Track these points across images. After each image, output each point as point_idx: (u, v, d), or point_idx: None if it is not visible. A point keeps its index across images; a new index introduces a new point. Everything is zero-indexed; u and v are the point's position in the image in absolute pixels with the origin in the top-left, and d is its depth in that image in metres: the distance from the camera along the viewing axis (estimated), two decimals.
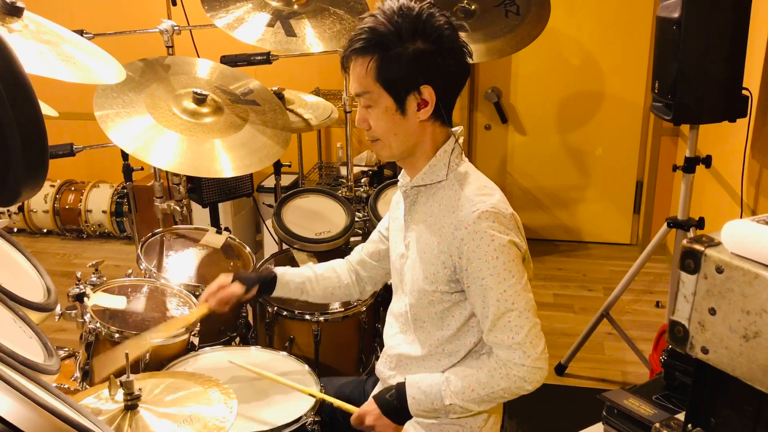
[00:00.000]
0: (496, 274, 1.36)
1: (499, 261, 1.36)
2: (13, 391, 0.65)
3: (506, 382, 1.38)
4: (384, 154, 1.49)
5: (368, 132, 1.47)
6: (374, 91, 1.40)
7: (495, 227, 1.37)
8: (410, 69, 1.38)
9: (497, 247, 1.36)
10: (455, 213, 1.41)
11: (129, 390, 1.26)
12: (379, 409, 1.47)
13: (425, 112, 1.42)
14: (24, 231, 4.48)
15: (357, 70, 1.41)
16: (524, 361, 1.37)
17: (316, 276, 1.78)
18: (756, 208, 2.60)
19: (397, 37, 1.36)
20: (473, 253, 1.37)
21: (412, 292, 1.50)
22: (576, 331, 3.11)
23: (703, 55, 2.28)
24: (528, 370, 1.37)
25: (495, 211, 1.38)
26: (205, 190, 2.53)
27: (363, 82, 1.41)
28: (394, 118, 1.42)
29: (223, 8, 2.41)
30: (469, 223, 1.37)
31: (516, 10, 2.86)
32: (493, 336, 1.39)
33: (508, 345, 1.37)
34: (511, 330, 1.37)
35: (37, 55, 1.53)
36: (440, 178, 1.46)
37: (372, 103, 1.42)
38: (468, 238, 1.37)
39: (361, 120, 1.46)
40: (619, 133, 4.08)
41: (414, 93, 1.40)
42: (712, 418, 1.03)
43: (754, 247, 0.90)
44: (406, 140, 1.45)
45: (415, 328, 1.52)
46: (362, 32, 1.38)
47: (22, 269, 1.27)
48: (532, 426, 2.64)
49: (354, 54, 1.40)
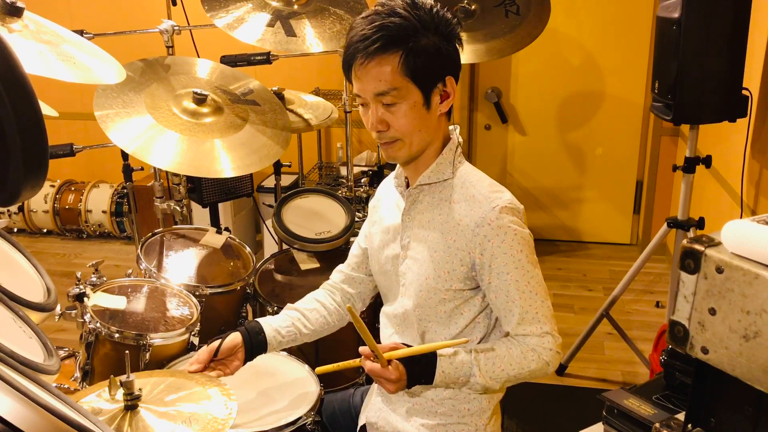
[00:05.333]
0: (521, 267, 1.38)
1: (522, 254, 1.39)
2: (13, 391, 0.65)
3: (536, 364, 1.40)
4: (401, 155, 1.43)
5: (385, 133, 1.40)
6: (402, 86, 1.36)
7: (516, 222, 1.39)
8: (437, 60, 1.37)
9: (520, 240, 1.38)
10: (473, 210, 1.40)
11: (129, 390, 1.26)
12: (407, 382, 1.39)
13: (447, 104, 1.42)
14: (24, 231, 4.48)
15: (381, 68, 1.34)
16: (552, 346, 1.41)
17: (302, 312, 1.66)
18: (756, 208, 2.60)
19: (419, 29, 1.35)
20: (498, 248, 1.38)
21: (418, 292, 1.47)
22: (576, 331, 3.11)
23: (703, 55, 2.28)
24: (554, 354, 1.41)
25: (512, 206, 1.40)
26: (205, 190, 2.53)
27: (389, 78, 1.35)
28: (420, 113, 1.39)
29: (223, 8, 2.41)
30: (492, 219, 1.37)
31: (516, 10, 2.86)
32: (522, 329, 1.41)
33: (538, 334, 1.40)
34: (539, 321, 1.40)
35: (37, 55, 1.53)
36: (446, 177, 1.46)
37: (399, 100, 1.37)
38: (492, 234, 1.37)
39: (378, 122, 1.39)
40: (619, 133, 4.09)
41: (440, 84, 1.40)
42: (712, 418, 1.03)
43: (754, 247, 0.90)
44: (426, 137, 1.42)
45: (419, 328, 1.51)
46: (377, 29, 1.33)
47: (22, 269, 1.27)
48: (532, 426, 2.65)
49: (378, 52, 1.33)
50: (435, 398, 1.50)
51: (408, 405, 1.54)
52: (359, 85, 1.39)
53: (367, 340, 1.34)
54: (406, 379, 1.38)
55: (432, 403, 1.51)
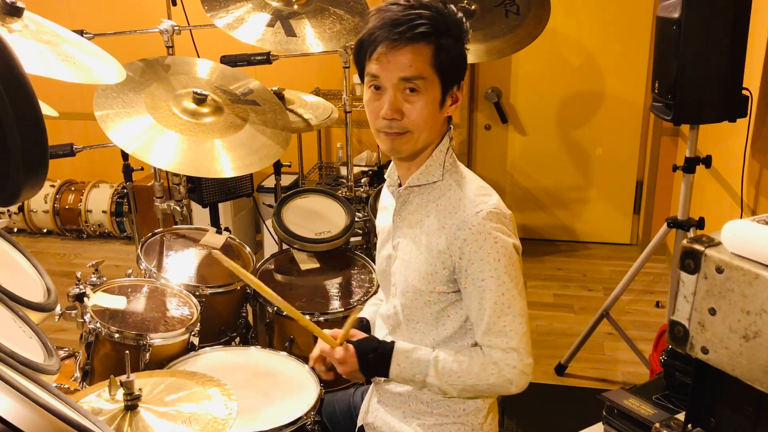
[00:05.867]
0: (496, 277, 1.36)
1: (500, 264, 1.36)
2: (13, 391, 0.65)
3: (495, 379, 1.39)
4: (406, 149, 1.41)
5: (397, 123, 1.37)
6: (429, 78, 1.35)
7: (499, 228, 1.37)
8: (458, 62, 1.38)
9: (500, 249, 1.36)
10: (457, 213, 1.40)
11: (129, 390, 1.26)
12: (358, 365, 1.45)
13: (454, 108, 1.43)
14: (24, 231, 4.48)
15: (414, 55, 1.33)
16: (517, 364, 1.38)
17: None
18: (756, 208, 2.60)
19: (447, 30, 1.35)
20: (475, 254, 1.36)
21: (405, 292, 1.48)
22: (576, 331, 3.11)
23: (703, 55, 2.28)
24: (518, 373, 1.38)
25: (498, 212, 1.38)
26: (205, 190, 2.53)
27: (420, 66, 1.33)
28: (434, 110, 1.38)
29: (223, 8, 2.41)
30: (473, 223, 1.36)
31: (516, 10, 2.86)
32: (487, 339, 1.39)
33: (503, 348, 1.38)
34: (506, 335, 1.38)
35: (37, 55, 1.53)
36: (436, 179, 1.45)
37: (422, 91, 1.35)
38: (471, 239, 1.36)
39: (394, 109, 1.36)
40: (619, 133, 4.09)
41: (455, 86, 1.40)
42: (712, 418, 1.03)
43: (754, 247, 0.90)
44: (431, 135, 1.41)
45: (408, 329, 1.51)
46: (415, 17, 1.32)
47: (22, 269, 1.27)
48: (532, 426, 2.64)
49: (415, 39, 1.32)
50: (430, 400, 1.50)
51: (404, 406, 1.53)
52: (380, 68, 1.35)
53: (307, 325, 1.49)
54: (356, 363, 1.44)
55: (428, 403, 1.51)
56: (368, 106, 1.41)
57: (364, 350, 1.46)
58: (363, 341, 1.49)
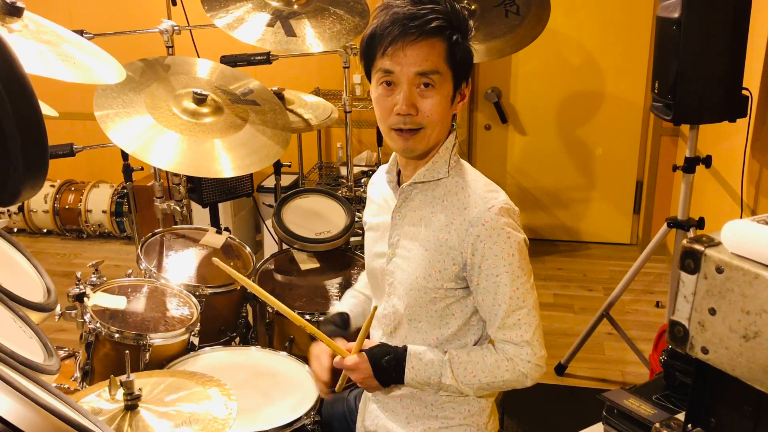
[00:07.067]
0: (511, 272, 1.36)
1: (515, 258, 1.36)
2: (13, 391, 0.65)
3: (510, 374, 1.39)
4: (420, 147, 1.39)
5: (412, 119, 1.36)
6: (444, 72, 1.35)
7: (511, 224, 1.37)
8: (469, 60, 1.39)
9: (513, 244, 1.36)
10: (467, 209, 1.39)
11: (129, 390, 1.26)
12: (372, 370, 1.42)
13: (461, 105, 1.43)
14: (24, 231, 4.48)
15: (431, 49, 1.32)
16: (531, 358, 1.38)
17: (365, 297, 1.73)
18: (756, 208, 2.60)
19: (458, 28, 1.36)
20: (489, 250, 1.36)
21: (408, 291, 1.46)
22: (576, 331, 3.11)
23: (703, 55, 2.28)
24: (532, 367, 1.39)
25: (508, 207, 1.39)
26: (205, 190, 2.53)
27: (436, 60, 1.33)
28: (445, 107, 1.38)
29: (223, 8, 2.41)
30: (486, 219, 1.36)
31: (516, 10, 2.86)
32: (501, 333, 1.39)
33: (517, 342, 1.38)
34: (520, 328, 1.38)
35: (37, 55, 1.53)
36: (441, 175, 1.44)
37: (437, 86, 1.34)
38: (485, 235, 1.36)
39: (409, 104, 1.34)
40: (619, 133, 4.09)
41: (464, 84, 1.41)
42: (712, 418, 1.03)
43: (754, 247, 0.90)
44: (440, 133, 1.41)
45: (410, 329, 1.49)
46: (430, 11, 1.32)
47: (22, 269, 1.27)
48: (532, 426, 2.65)
49: (432, 33, 1.32)
50: (435, 403, 1.49)
51: (408, 411, 1.52)
52: (394, 62, 1.33)
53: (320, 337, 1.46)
54: (369, 369, 1.42)
55: (432, 407, 1.50)
56: (378, 102, 1.39)
57: (377, 356, 1.43)
58: (375, 348, 1.46)
